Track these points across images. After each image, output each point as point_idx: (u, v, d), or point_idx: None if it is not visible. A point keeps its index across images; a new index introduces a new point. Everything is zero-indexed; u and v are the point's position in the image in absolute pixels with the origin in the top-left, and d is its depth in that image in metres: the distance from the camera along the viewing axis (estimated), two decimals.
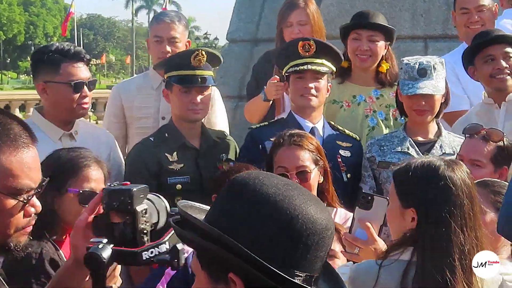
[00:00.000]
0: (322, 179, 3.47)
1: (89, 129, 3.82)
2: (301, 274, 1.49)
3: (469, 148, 3.43)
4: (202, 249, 1.53)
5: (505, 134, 3.47)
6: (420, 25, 6.38)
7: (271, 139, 3.73)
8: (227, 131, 4.46)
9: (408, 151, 3.83)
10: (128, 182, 1.95)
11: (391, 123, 4.29)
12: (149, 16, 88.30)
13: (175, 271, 2.85)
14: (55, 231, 2.77)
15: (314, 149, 3.43)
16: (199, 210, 1.66)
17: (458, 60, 4.25)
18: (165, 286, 2.92)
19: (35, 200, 1.87)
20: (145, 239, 1.87)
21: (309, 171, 3.36)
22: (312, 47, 3.87)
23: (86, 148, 3.02)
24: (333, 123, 4.08)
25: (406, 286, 2.32)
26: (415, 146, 3.84)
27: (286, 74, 3.97)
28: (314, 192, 3.32)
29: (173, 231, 1.81)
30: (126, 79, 5.29)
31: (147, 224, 1.89)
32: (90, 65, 3.75)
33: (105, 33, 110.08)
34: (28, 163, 1.83)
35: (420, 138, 3.89)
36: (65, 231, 2.81)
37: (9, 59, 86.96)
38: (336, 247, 2.86)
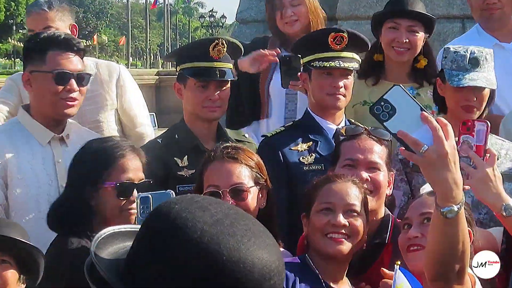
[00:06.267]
0: (265, 204, 2.88)
1: (84, 133, 3.38)
2: None
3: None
4: None
5: None
6: (456, 3, 5.87)
7: (292, 147, 3.40)
8: (147, 117, 4.02)
9: None
10: None
11: None
12: None
13: None
14: (92, 227, 2.65)
15: (254, 165, 2.86)
16: (124, 235, 1.56)
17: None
18: None
19: None
20: None
21: (245, 189, 2.78)
22: (344, 39, 3.46)
23: (121, 138, 3.01)
24: (353, 121, 3.66)
25: None
26: None
27: (309, 66, 3.53)
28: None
29: None
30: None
31: None
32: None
33: (96, 11, 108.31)
34: None
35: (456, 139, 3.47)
36: (103, 227, 2.58)
37: None
38: None
